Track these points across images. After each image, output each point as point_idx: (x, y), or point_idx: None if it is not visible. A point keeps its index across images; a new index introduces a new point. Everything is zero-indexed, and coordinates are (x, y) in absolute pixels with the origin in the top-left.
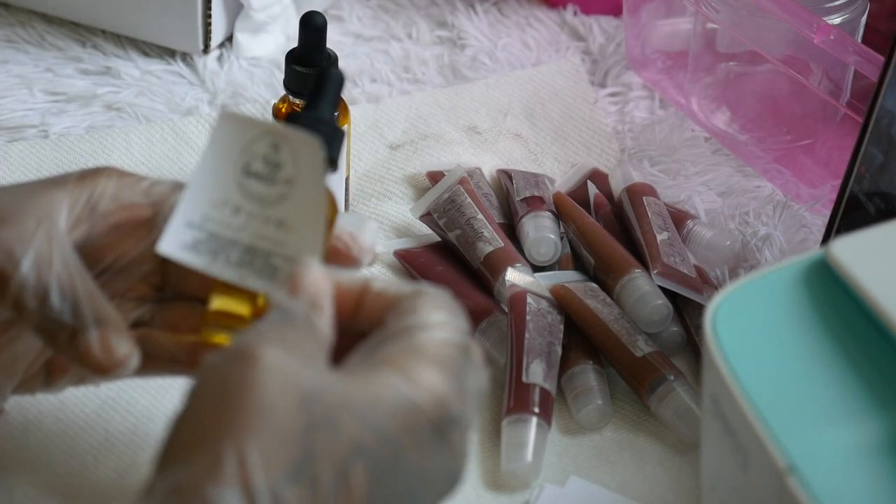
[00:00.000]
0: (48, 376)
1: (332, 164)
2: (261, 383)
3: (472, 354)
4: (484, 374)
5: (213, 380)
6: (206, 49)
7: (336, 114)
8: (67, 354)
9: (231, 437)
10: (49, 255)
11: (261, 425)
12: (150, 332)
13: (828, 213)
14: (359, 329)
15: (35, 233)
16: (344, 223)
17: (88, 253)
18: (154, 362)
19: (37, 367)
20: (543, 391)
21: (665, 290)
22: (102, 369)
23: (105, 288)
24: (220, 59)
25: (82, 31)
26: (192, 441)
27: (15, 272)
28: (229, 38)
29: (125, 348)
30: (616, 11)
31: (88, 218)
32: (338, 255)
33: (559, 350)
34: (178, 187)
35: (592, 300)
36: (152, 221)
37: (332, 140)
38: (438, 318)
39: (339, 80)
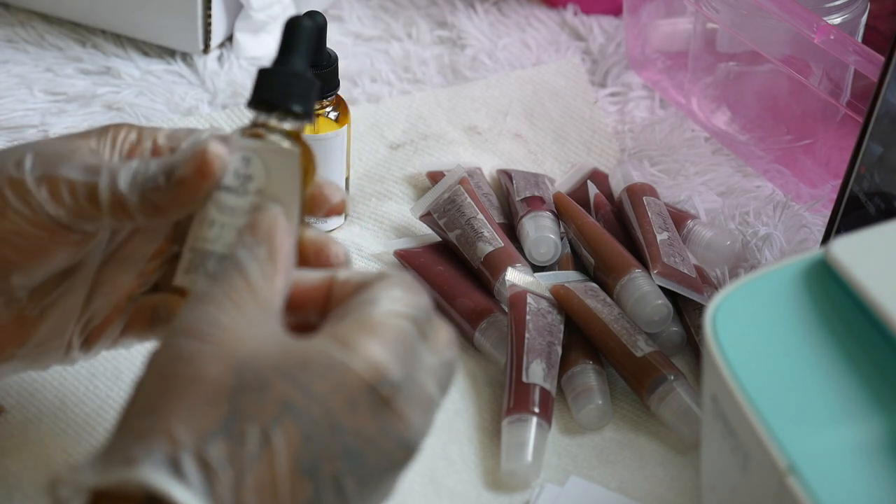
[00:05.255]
0: (86, 341)
1: (308, 116)
2: (195, 355)
3: (429, 329)
4: (447, 351)
5: (159, 353)
6: (206, 49)
7: (309, 65)
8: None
9: (159, 403)
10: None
11: (188, 391)
12: (166, 297)
13: (828, 213)
14: None
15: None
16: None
17: None
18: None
19: (79, 332)
20: (543, 391)
21: (665, 290)
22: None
23: (140, 246)
24: (220, 59)
25: (82, 31)
26: (131, 409)
27: (102, 171)
28: (229, 38)
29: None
30: (616, 11)
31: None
32: (314, 202)
33: (559, 350)
34: (193, 132)
35: (592, 300)
36: None
37: (307, 93)
38: (390, 293)
39: (311, 29)
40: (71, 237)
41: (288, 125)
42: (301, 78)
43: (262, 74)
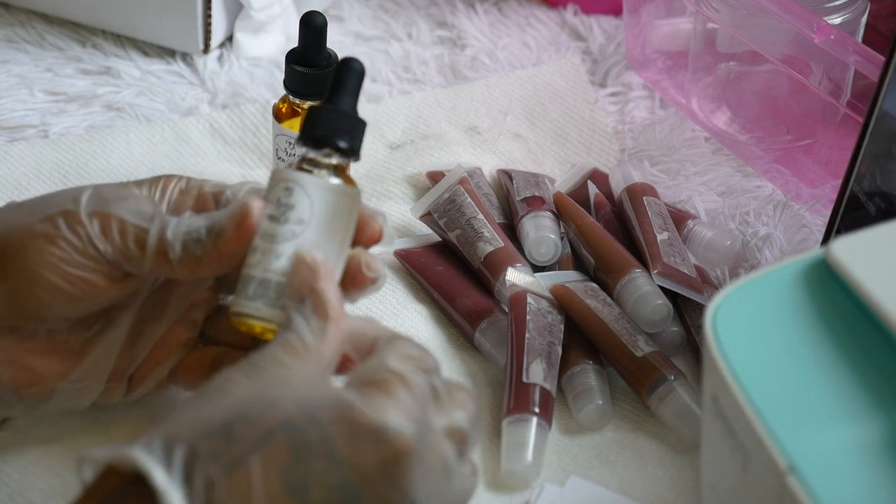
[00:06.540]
0: (129, 384)
1: (355, 154)
2: (233, 387)
3: (441, 388)
4: (463, 410)
5: (216, 379)
6: (206, 49)
7: (356, 104)
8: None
9: (184, 409)
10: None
11: (210, 403)
12: (227, 350)
13: (828, 213)
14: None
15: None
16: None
17: None
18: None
19: (124, 375)
20: (543, 391)
21: (665, 290)
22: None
23: (180, 292)
24: (220, 59)
25: (82, 31)
26: (165, 415)
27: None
28: (229, 38)
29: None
30: (616, 11)
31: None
32: (363, 236)
33: (559, 350)
34: (239, 184)
35: (592, 300)
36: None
37: (354, 131)
38: (401, 350)
39: (360, 72)
40: (114, 274)
41: (335, 160)
42: (348, 116)
43: (312, 112)
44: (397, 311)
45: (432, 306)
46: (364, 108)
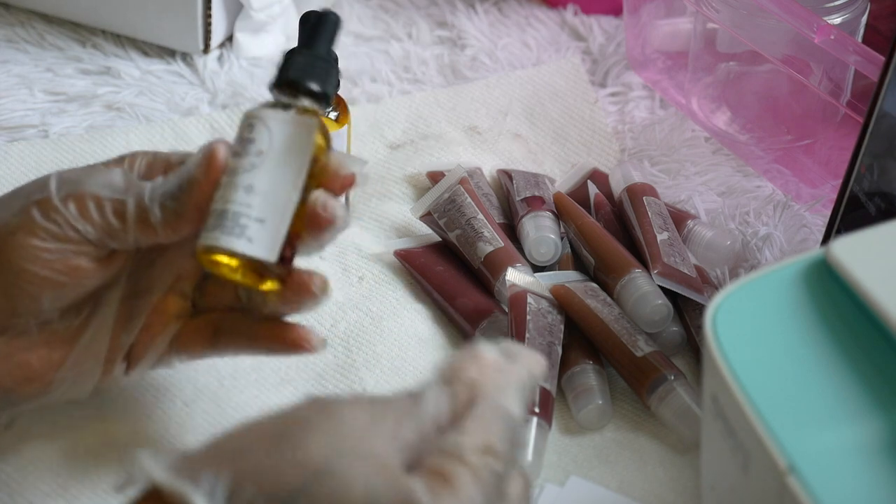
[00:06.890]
0: (129, 361)
1: (327, 99)
2: (313, 425)
3: (508, 482)
4: None
5: (300, 406)
6: (206, 49)
7: (329, 50)
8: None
9: (253, 448)
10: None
11: (280, 449)
12: (228, 315)
13: (828, 213)
14: None
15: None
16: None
17: None
18: (234, 339)
19: (119, 354)
20: (543, 391)
21: (665, 290)
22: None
23: (164, 263)
24: (220, 59)
25: (82, 31)
26: (235, 433)
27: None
28: (229, 38)
29: None
30: (616, 11)
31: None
32: (326, 175)
33: (559, 350)
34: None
35: (592, 300)
36: None
37: (327, 76)
38: (481, 441)
39: (336, 22)
40: (99, 254)
41: (305, 103)
42: (321, 60)
43: (288, 55)
44: (397, 311)
45: (432, 306)
46: (364, 109)
